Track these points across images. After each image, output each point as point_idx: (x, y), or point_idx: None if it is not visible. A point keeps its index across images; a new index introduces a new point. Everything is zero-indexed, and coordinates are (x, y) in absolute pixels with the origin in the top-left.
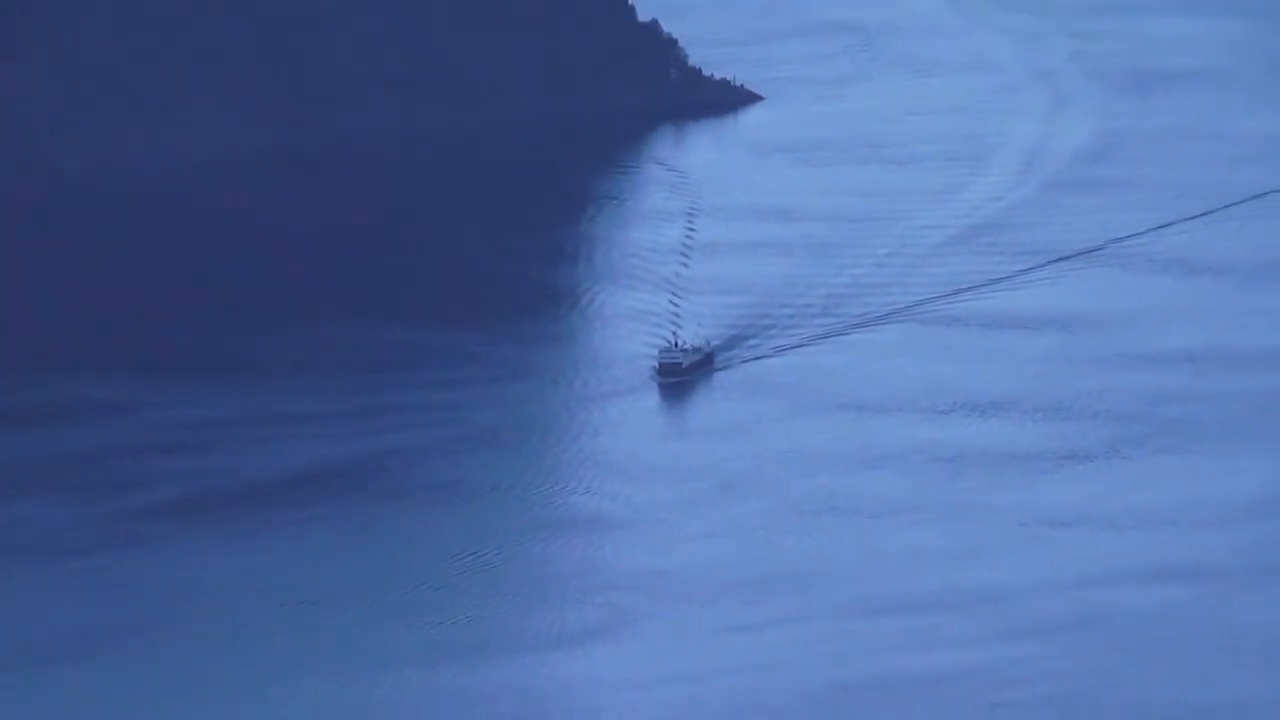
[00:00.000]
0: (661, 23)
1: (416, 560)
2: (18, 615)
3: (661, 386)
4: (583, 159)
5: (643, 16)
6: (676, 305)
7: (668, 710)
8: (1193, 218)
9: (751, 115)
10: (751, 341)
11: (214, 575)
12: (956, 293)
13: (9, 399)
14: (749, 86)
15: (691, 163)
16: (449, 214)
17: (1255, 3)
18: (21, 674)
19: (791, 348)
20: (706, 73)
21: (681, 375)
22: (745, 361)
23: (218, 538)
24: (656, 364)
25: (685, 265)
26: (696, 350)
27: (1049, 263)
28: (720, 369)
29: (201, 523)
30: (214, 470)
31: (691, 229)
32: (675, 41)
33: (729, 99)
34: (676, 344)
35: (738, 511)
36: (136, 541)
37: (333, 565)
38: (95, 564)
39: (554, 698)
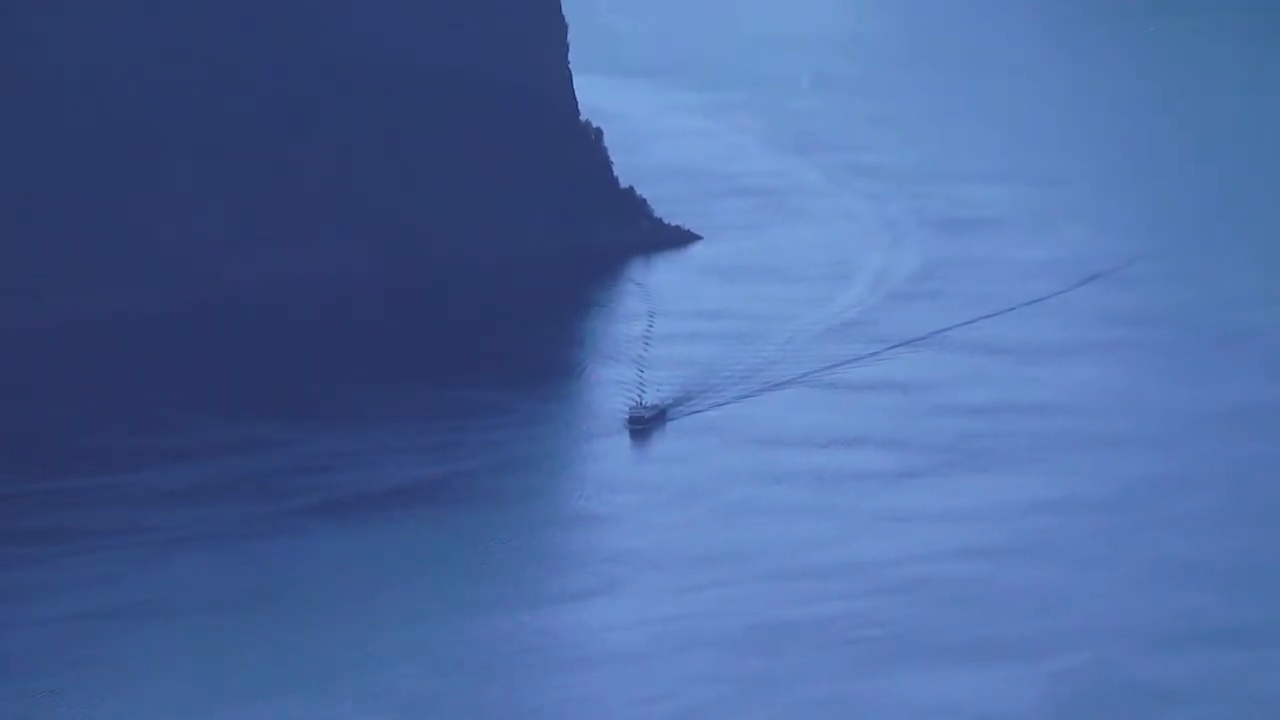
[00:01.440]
0: (636, 188)
1: (472, 545)
2: (206, 582)
3: (631, 431)
4: (581, 278)
5: (624, 184)
6: (642, 376)
7: (641, 644)
8: (989, 316)
9: (695, 249)
10: (693, 401)
11: (338, 556)
12: (833, 367)
13: (202, 437)
14: (694, 230)
15: (654, 280)
16: (492, 314)
17: (1028, 174)
18: (206, 620)
19: (721, 404)
20: (666, 221)
21: (645, 424)
22: (689, 414)
23: (341, 531)
24: (628, 416)
25: (647, 349)
26: (655, 407)
27: (893, 347)
28: (671, 420)
29: (329, 521)
30: (338, 485)
31: (652, 324)
32: (645, 200)
33: (680, 238)
34: (641, 403)
35: (686, 512)
36: (286, 533)
37: (416, 548)
38: (258, 548)
39: (565, 636)
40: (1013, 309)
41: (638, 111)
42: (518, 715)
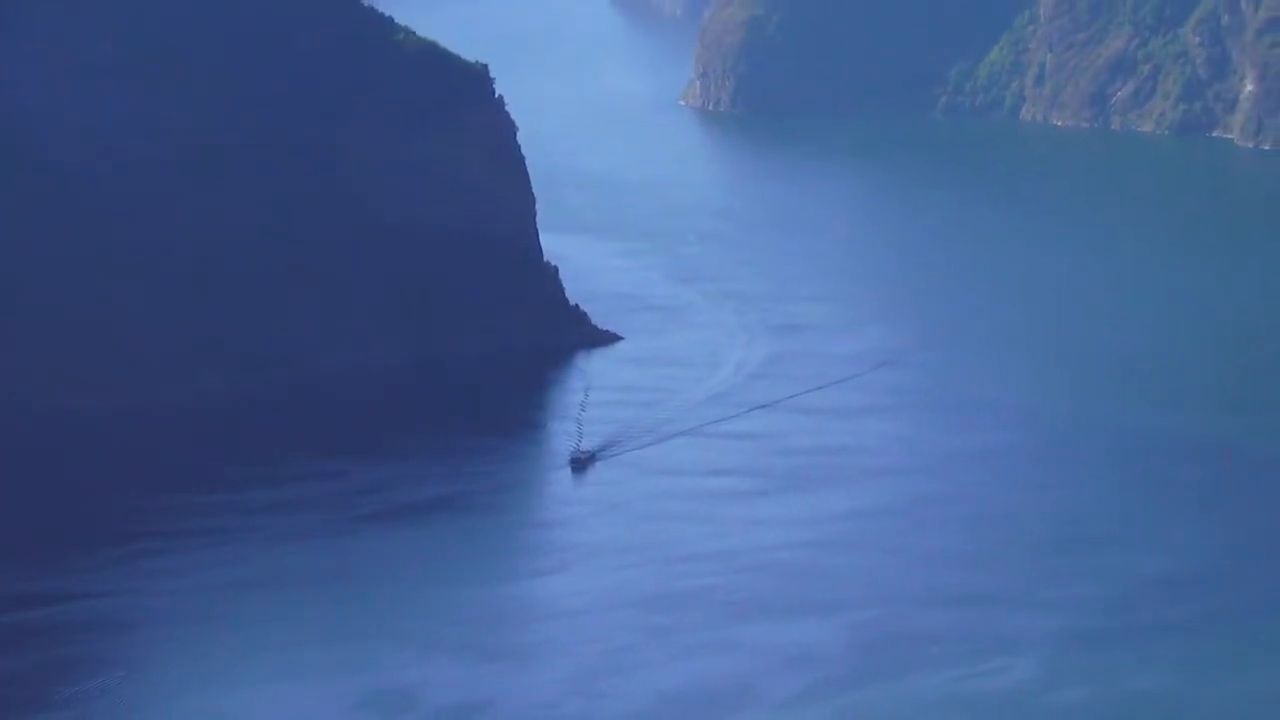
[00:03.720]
0: (580, 305)
1: (470, 542)
2: (296, 565)
3: (573, 467)
4: (542, 365)
5: (572, 302)
6: (581, 429)
7: (583, 605)
8: (813, 389)
9: (618, 346)
10: (616, 447)
11: (384, 548)
12: (711, 423)
13: (293, 469)
14: (618, 333)
15: (590, 366)
16: (483, 389)
17: (841, 296)
18: (295, 590)
19: (636, 449)
20: (600, 327)
21: (583, 462)
22: (613, 455)
23: (386, 531)
24: (570, 457)
25: (585, 411)
26: (589, 451)
27: (750, 409)
28: (601, 459)
29: (379, 524)
30: (382, 500)
31: (588, 395)
32: (586, 313)
33: (609, 339)
34: (580, 447)
35: (612, 518)
36: (349, 533)
37: (436, 542)
38: (331, 543)
39: (533, 600)
40: (829, 384)
41: (582, 255)
42: (503, 651)
